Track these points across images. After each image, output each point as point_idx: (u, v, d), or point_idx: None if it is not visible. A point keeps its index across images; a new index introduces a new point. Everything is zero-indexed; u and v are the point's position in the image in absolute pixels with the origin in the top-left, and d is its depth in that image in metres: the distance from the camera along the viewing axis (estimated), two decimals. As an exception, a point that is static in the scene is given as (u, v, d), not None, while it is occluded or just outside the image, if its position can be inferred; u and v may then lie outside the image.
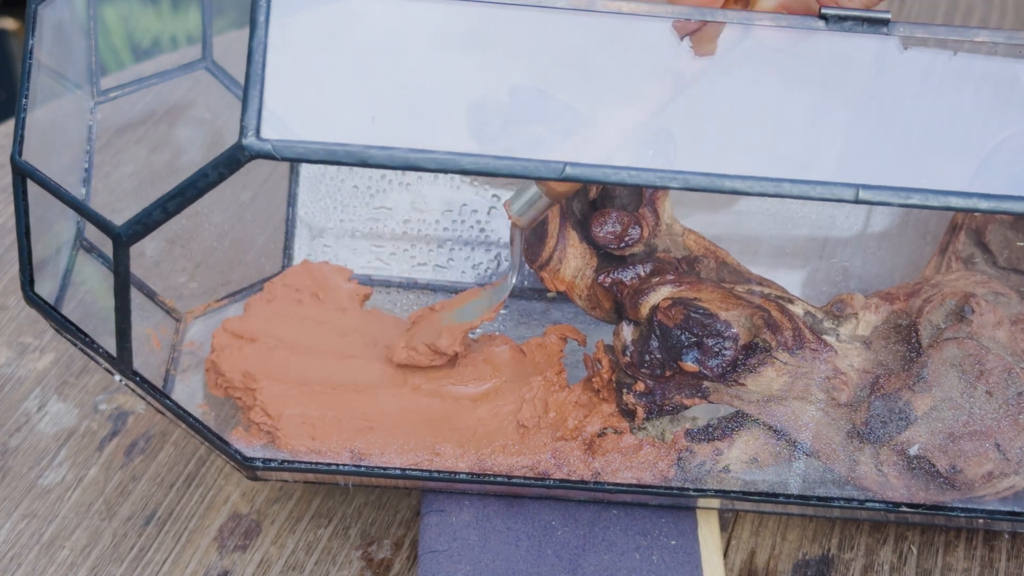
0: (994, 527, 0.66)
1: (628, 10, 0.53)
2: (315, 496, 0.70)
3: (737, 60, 0.54)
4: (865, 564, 0.67)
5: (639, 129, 0.54)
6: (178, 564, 0.67)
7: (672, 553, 0.64)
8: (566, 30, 0.54)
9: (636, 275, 0.63)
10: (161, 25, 1.34)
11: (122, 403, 0.74)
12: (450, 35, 0.54)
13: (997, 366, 0.59)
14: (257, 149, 0.50)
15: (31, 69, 0.59)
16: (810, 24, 0.53)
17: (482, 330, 0.73)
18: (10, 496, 0.70)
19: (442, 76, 0.54)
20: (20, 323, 0.79)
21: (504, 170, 0.50)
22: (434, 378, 0.66)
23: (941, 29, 0.53)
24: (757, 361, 0.60)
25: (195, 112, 0.92)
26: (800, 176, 0.51)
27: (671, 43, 0.54)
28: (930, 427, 0.60)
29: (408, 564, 0.67)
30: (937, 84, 0.55)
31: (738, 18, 0.53)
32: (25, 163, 0.57)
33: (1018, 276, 0.67)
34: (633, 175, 0.50)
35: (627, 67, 0.55)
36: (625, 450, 0.63)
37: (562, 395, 0.64)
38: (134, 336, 0.58)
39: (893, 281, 0.73)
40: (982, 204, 0.51)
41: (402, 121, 0.53)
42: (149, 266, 0.79)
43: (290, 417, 0.64)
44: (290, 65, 0.51)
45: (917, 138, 0.55)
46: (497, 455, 0.63)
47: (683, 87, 0.54)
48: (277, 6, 0.51)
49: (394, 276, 0.76)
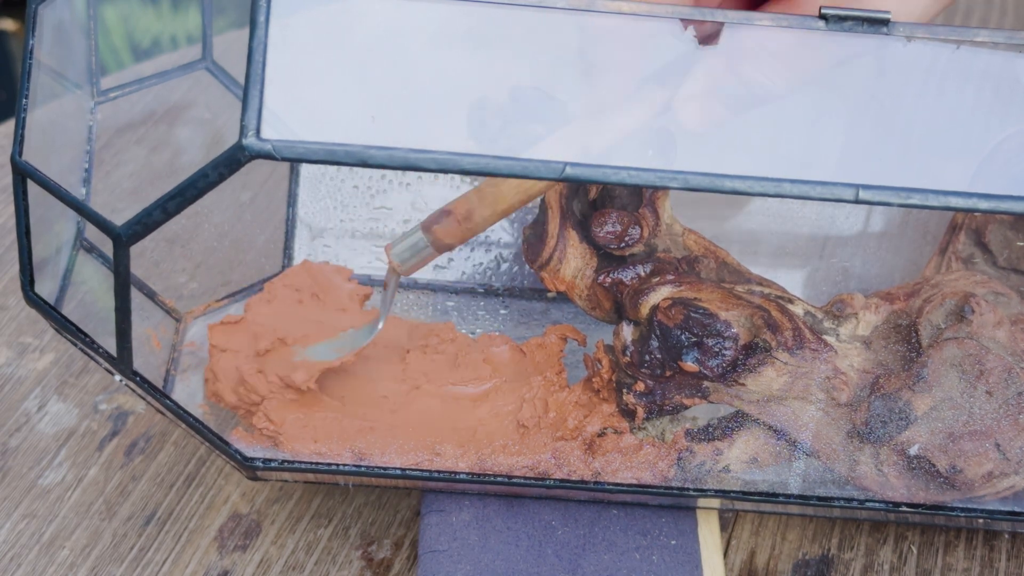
0: (994, 527, 0.66)
1: (628, 10, 0.53)
2: (315, 496, 0.70)
3: (737, 60, 0.54)
4: (865, 564, 0.67)
5: (639, 129, 0.54)
6: (178, 564, 0.67)
7: (672, 553, 0.64)
8: (566, 30, 0.54)
9: (636, 275, 0.63)
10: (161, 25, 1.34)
11: (122, 403, 0.74)
12: (450, 35, 0.54)
13: (997, 366, 0.59)
14: (257, 149, 0.50)
15: (31, 69, 0.59)
16: (810, 24, 0.53)
17: (482, 330, 0.73)
18: (10, 496, 0.70)
19: (442, 76, 0.54)
20: (20, 323, 0.79)
21: (504, 170, 0.50)
22: (434, 378, 0.66)
23: (941, 29, 0.53)
24: (757, 361, 0.60)
25: (195, 112, 0.92)
26: (800, 176, 0.51)
27: (671, 43, 0.54)
28: (930, 427, 0.60)
29: (408, 564, 0.67)
30: (937, 84, 0.55)
31: (738, 18, 0.53)
32: (25, 163, 0.57)
33: (1018, 276, 0.67)
34: (633, 175, 0.50)
35: (627, 67, 0.55)
36: (625, 450, 0.63)
37: (562, 395, 0.64)
38: (134, 336, 0.58)
39: (893, 281, 0.73)
40: (982, 204, 0.51)
41: (402, 121, 0.53)
42: (149, 266, 0.79)
43: (292, 421, 0.64)
44: (290, 65, 0.51)
45: (917, 138, 0.55)
46: (497, 455, 0.63)
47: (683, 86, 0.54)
48: (277, 6, 0.51)
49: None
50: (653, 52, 0.54)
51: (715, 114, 0.54)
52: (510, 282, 0.76)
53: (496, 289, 0.76)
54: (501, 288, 0.76)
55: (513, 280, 0.76)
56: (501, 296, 0.76)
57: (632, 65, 0.55)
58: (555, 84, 0.55)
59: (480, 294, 0.76)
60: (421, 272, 0.76)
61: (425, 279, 0.76)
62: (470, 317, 0.75)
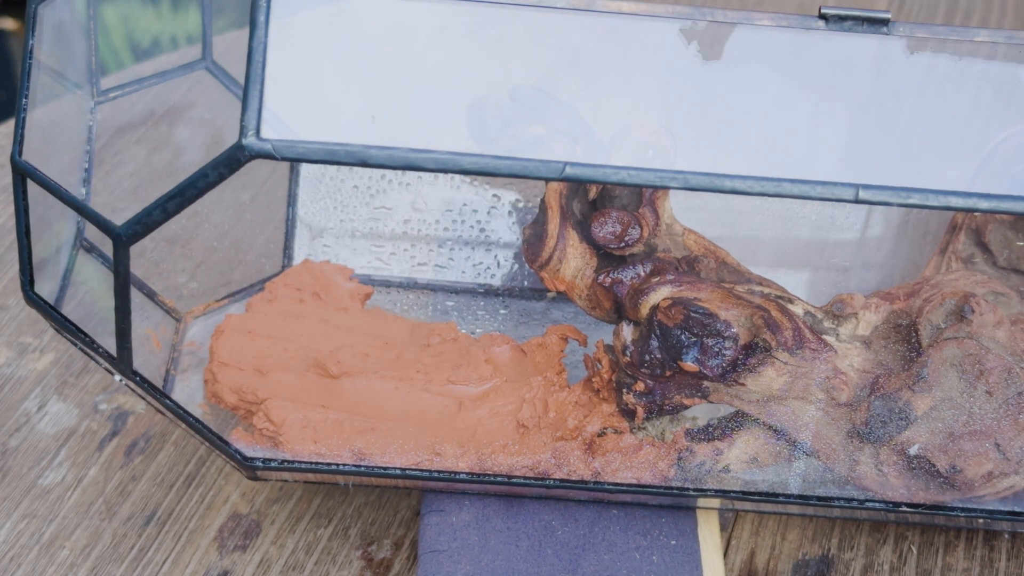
0: (994, 527, 0.66)
1: (628, 10, 0.53)
2: (315, 496, 0.70)
3: (737, 60, 0.54)
4: (865, 564, 0.67)
5: (639, 129, 0.54)
6: (178, 564, 0.67)
7: (672, 553, 0.64)
8: (566, 30, 0.54)
9: (636, 275, 0.63)
10: (161, 25, 1.34)
11: (122, 403, 0.74)
12: (450, 35, 0.54)
13: (997, 366, 0.59)
14: (257, 149, 0.50)
15: (31, 69, 0.59)
16: (810, 24, 0.53)
17: (482, 330, 0.73)
18: (10, 496, 0.70)
19: (442, 76, 0.54)
20: (20, 323, 0.79)
21: (504, 170, 0.50)
22: (435, 377, 0.66)
23: (941, 29, 0.53)
24: (757, 361, 0.60)
25: (195, 112, 0.92)
26: (800, 176, 0.51)
27: (671, 43, 0.54)
28: (930, 427, 0.60)
29: (408, 564, 0.67)
30: (937, 84, 0.55)
31: (738, 18, 0.53)
32: (25, 163, 0.57)
33: (1018, 276, 0.67)
34: (633, 175, 0.50)
35: (627, 67, 0.55)
36: (625, 450, 0.63)
37: (562, 395, 0.64)
38: (134, 336, 0.58)
39: (893, 281, 0.73)
40: (982, 204, 0.51)
41: (402, 121, 0.53)
42: (149, 266, 0.79)
43: (292, 422, 0.64)
44: (290, 65, 0.51)
45: (917, 138, 0.55)
46: (497, 455, 0.63)
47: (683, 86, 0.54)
48: (277, 6, 0.51)
49: (394, 276, 0.76)
50: (653, 52, 0.54)
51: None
52: (510, 282, 0.76)
53: (496, 289, 0.76)
54: (501, 288, 0.76)
55: (513, 280, 0.76)
56: (501, 296, 0.76)
57: (632, 65, 0.55)
58: (555, 84, 0.55)
59: (480, 294, 0.76)
60: (421, 272, 0.76)
61: (425, 279, 0.76)
62: (470, 317, 0.75)
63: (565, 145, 0.53)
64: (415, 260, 0.76)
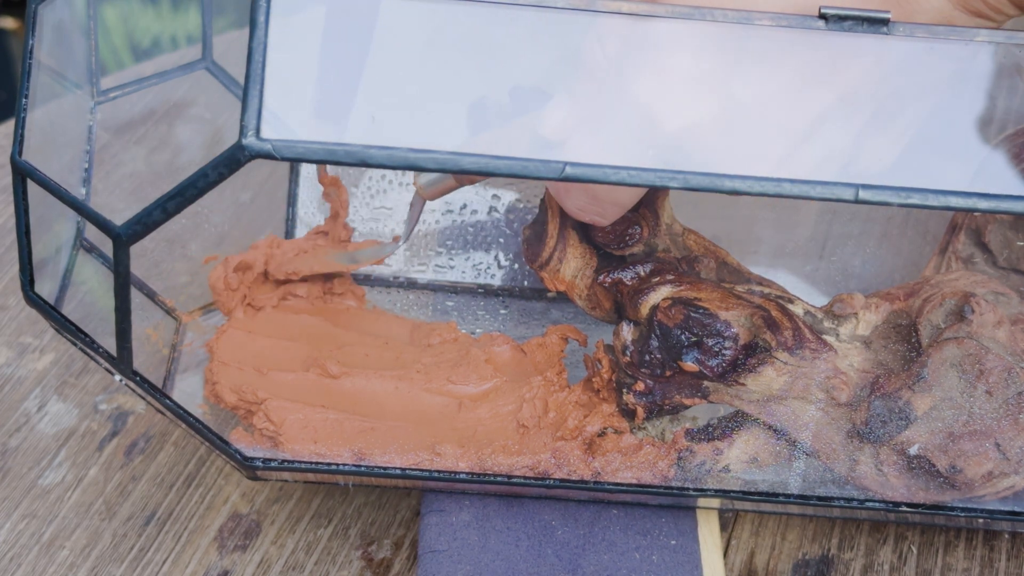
0: (994, 527, 0.66)
1: (628, 10, 0.53)
2: (315, 496, 0.70)
3: (737, 60, 0.54)
4: (865, 564, 0.67)
5: (639, 129, 0.54)
6: (178, 564, 0.67)
7: (672, 553, 0.64)
8: (566, 30, 0.54)
9: (636, 275, 0.63)
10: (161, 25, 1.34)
11: (122, 403, 0.74)
12: (450, 35, 0.54)
13: (997, 366, 0.59)
14: (257, 149, 0.50)
15: (31, 69, 0.59)
16: (810, 24, 0.53)
17: (482, 330, 0.73)
18: (10, 496, 0.70)
19: (442, 76, 0.54)
20: (20, 323, 0.79)
21: (504, 170, 0.50)
22: (435, 377, 0.66)
23: (941, 29, 0.53)
24: (757, 361, 0.60)
25: (195, 112, 0.92)
26: (800, 176, 0.51)
27: (671, 43, 0.54)
28: (930, 427, 0.60)
29: (408, 564, 0.67)
30: (937, 84, 0.55)
31: (738, 18, 0.53)
32: (25, 163, 0.57)
33: (1018, 276, 0.67)
34: (633, 175, 0.50)
35: (627, 67, 0.55)
36: (625, 450, 0.63)
37: (562, 395, 0.64)
38: (134, 336, 0.58)
39: (893, 281, 0.73)
40: (982, 204, 0.51)
41: (402, 121, 0.53)
42: (149, 266, 0.79)
43: (292, 422, 0.64)
44: (290, 65, 0.51)
45: (917, 138, 0.55)
46: (497, 455, 0.63)
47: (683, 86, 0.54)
48: (277, 6, 0.51)
49: (394, 276, 0.76)
50: (653, 52, 0.54)
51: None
52: (510, 282, 0.76)
53: (496, 289, 0.76)
54: (501, 288, 0.76)
55: (513, 280, 0.76)
56: (501, 296, 0.76)
57: (632, 65, 0.55)
58: (555, 84, 0.55)
59: (480, 294, 0.76)
60: (421, 272, 0.76)
61: (425, 279, 0.76)
62: (470, 317, 0.75)
63: (565, 145, 0.53)
64: (415, 260, 0.76)
